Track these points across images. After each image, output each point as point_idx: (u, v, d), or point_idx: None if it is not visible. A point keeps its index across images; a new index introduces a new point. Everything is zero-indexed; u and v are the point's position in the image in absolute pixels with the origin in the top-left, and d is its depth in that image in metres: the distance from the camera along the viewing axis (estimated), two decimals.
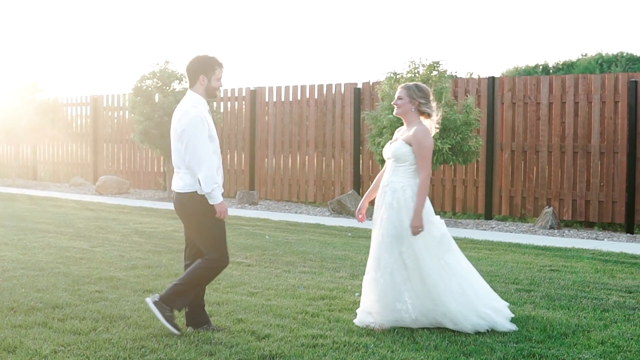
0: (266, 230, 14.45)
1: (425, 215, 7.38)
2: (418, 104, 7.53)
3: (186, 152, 6.93)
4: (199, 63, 7.16)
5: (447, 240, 7.53)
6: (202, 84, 7.16)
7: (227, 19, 49.33)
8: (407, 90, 7.58)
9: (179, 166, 7.10)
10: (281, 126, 21.36)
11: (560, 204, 16.88)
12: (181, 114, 7.03)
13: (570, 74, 17.54)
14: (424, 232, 7.33)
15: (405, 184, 7.44)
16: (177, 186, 7.14)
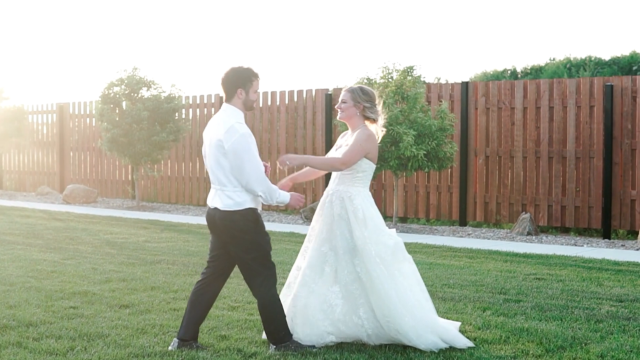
0: None
1: (375, 225, 7.03)
2: (363, 108, 7.15)
3: (242, 172, 6.63)
4: (236, 76, 6.84)
5: (401, 249, 7.15)
6: (240, 98, 6.85)
7: (194, 24, 48.94)
8: (351, 93, 7.18)
9: (225, 184, 6.74)
10: None
11: (536, 210, 16.72)
12: (226, 130, 6.67)
13: (545, 79, 17.37)
14: (377, 241, 6.96)
15: (353, 192, 7.06)
16: (224, 204, 6.75)
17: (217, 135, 6.70)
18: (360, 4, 48.06)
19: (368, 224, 7.00)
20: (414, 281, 7.15)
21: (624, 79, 16.01)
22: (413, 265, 7.24)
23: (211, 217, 6.90)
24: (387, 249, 6.99)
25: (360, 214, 6.99)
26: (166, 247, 13.04)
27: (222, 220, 6.75)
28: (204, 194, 21.88)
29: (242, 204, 6.70)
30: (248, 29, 48.76)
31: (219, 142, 6.65)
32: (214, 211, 6.85)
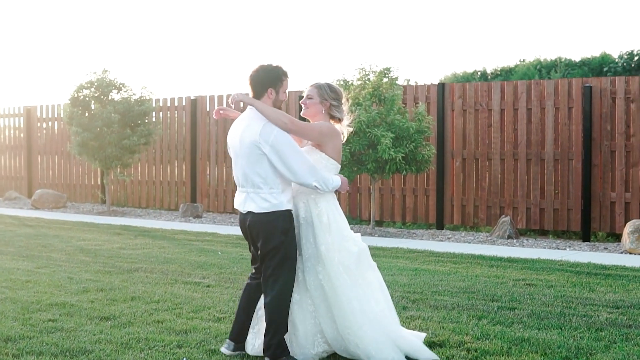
0: (217, 246, 13.82)
1: (340, 230, 6.63)
2: (329, 106, 6.73)
3: (291, 168, 6.36)
4: (266, 75, 6.54)
5: (365, 256, 6.75)
6: (270, 97, 6.53)
7: (165, 26, 48.47)
8: (318, 89, 6.75)
9: (260, 186, 6.45)
10: (223, 136, 20.72)
11: (514, 213, 16.54)
12: (260, 130, 6.38)
13: (522, 80, 17.19)
14: (340, 248, 6.56)
15: (317, 195, 6.62)
16: (260, 207, 6.45)
17: (250, 137, 6.41)
18: (331, 6, 47.85)
19: (332, 229, 6.59)
20: (378, 290, 6.75)
21: (603, 79, 15.87)
22: (377, 273, 6.86)
23: (244, 221, 6.63)
24: (351, 256, 6.59)
25: (324, 218, 6.59)
26: (142, 254, 12.69)
27: (258, 222, 6.46)
28: (175, 198, 21.53)
29: (279, 206, 6.44)
30: (219, 31, 48.37)
31: (254, 143, 6.36)
32: (247, 215, 6.57)
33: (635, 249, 13.24)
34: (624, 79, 15.63)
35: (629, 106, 15.53)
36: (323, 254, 6.51)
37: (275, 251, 6.42)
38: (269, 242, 6.43)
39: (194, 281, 10.28)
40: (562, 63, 31.17)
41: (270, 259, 6.46)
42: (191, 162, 21.11)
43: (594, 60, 30.55)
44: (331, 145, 6.61)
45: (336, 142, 6.65)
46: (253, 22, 47.97)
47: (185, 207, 19.42)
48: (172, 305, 8.76)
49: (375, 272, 6.78)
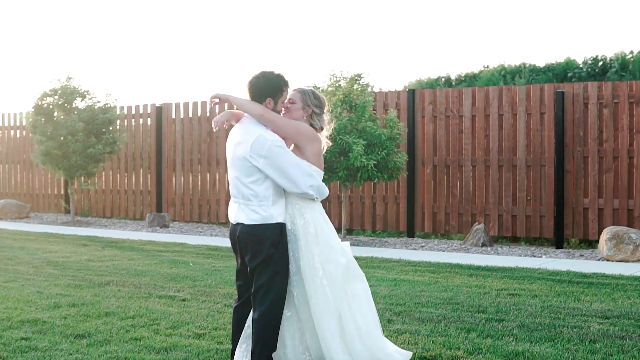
0: (188, 257, 13.51)
1: (327, 240, 6.32)
2: (311, 113, 6.42)
3: (288, 179, 6.12)
4: (267, 84, 6.26)
5: (353, 267, 6.47)
6: (268, 107, 6.25)
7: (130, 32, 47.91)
8: (302, 94, 6.43)
9: (249, 199, 6.19)
10: (189, 144, 20.41)
11: (486, 219, 16.39)
12: (253, 141, 6.10)
13: (494, 86, 17.08)
14: (328, 259, 6.26)
15: (303, 205, 6.31)
16: (250, 219, 6.18)
17: (242, 149, 6.15)
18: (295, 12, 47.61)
19: (319, 240, 6.29)
20: (365, 303, 6.47)
21: (575, 85, 15.78)
22: (365, 284, 6.55)
23: (234, 232, 6.34)
24: (338, 267, 6.30)
25: (311, 229, 6.28)
26: (112, 267, 12.35)
27: (247, 234, 6.19)
28: (140, 208, 21.16)
29: (270, 219, 6.16)
30: (184, 37, 47.91)
31: (247, 154, 6.10)
32: (237, 227, 6.29)
33: (613, 256, 13.12)
34: (597, 84, 15.54)
35: (602, 111, 15.44)
36: (308, 267, 6.22)
37: (264, 265, 6.14)
38: (258, 255, 6.16)
39: (169, 295, 9.97)
40: (526, 69, 31.12)
41: (259, 273, 6.17)
42: (157, 171, 20.76)
43: (559, 65, 30.50)
44: (310, 148, 6.28)
45: (315, 147, 6.31)
46: (218, 28, 47.60)
47: (152, 216, 19.07)
48: (148, 321, 8.46)
49: (363, 284, 6.50)
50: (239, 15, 47.42)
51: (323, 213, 6.43)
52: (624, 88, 15.27)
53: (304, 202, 6.29)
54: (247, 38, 47.69)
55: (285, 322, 6.34)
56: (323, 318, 6.16)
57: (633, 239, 13.09)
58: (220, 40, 47.95)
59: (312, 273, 6.22)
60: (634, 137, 15.16)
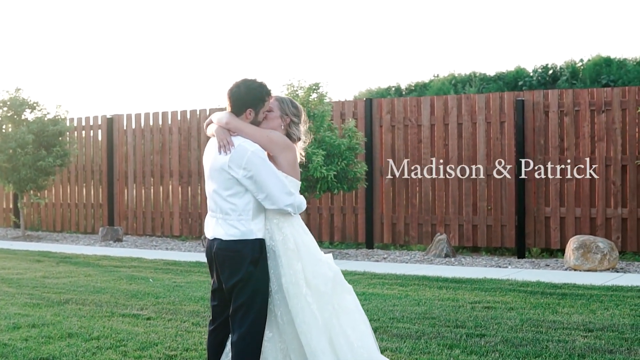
0: (146, 272, 13.10)
1: (311, 254, 5.95)
2: (289, 122, 6.05)
3: (266, 192, 5.73)
4: (248, 93, 5.86)
5: (340, 279, 6.10)
6: (248, 118, 5.88)
7: (80, 42, 47.13)
8: (280, 102, 6.05)
9: (228, 213, 5.80)
10: (141, 155, 19.98)
11: (446, 230, 16.19)
12: (233, 150, 5.73)
13: (452, 95, 16.95)
14: (314, 274, 5.89)
15: (281, 219, 5.91)
16: (228, 234, 5.78)
17: (221, 160, 5.77)
18: (246, 22, 47.27)
19: (302, 255, 5.91)
20: (357, 315, 6.09)
21: (535, 93, 15.66)
22: (354, 296, 6.18)
23: (210, 249, 5.94)
24: (327, 281, 5.94)
25: (291, 244, 5.89)
26: (69, 284, 11.89)
27: (224, 250, 5.79)
28: (91, 221, 20.66)
29: (249, 234, 5.77)
30: (135, 47, 47.28)
31: (225, 165, 5.72)
32: (214, 242, 5.89)
33: (581, 266, 12.96)
34: (557, 92, 15.44)
35: (563, 119, 15.33)
36: (290, 284, 5.84)
37: (243, 284, 5.75)
38: (236, 273, 5.77)
39: (132, 313, 9.57)
40: (477, 77, 31.15)
41: (238, 292, 5.78)
42: (108, 183, 20.27)
43: (509, 74, 30.56)
44: (283, 157, 5.90)
45: (289, 156, 5.94)
46: (168, 38, 47.07)
47: (105, 230, 18.57)
48: (115, 343, 8.07)
49: (352, 296, 6.13)
50: (189, 26, 46.97)
51: (302, 226, 6.05)
52: (585, 96, 15.18)
53: (281, 216, 5.92)
54: (197, 49, 47.25)
55: (267, 344, 5.98)
56: (312, 337, 5.81)
57: (600, 248, 12.95)
58: (170, 50, 47.43)
59: (296, 290, 5.84)
60: (596, 144, 15.06)
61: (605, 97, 15.02)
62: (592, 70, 28.12)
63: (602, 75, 27.65)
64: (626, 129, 14.86)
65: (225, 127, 5.82)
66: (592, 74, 27.98)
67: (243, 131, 5.83)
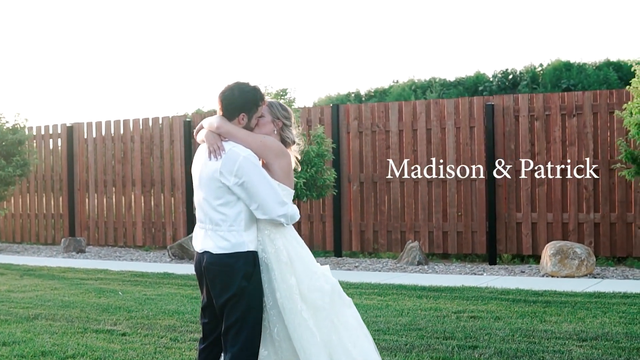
0: (114, 285, 12.71)
1: (306, 267, 5.60)
2: (282, 126, 5.75)
3: (258, 200, 5.39)
4: (242, 97, 5.54)
5: (338, 292, 5.73)
6: (241, 123, 5.56)
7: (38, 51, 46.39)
8: (269, 107, 5.75)
9: (218, 224, 5.45)
10: (103, 164, 19.54)
11: (416, 237, 15.98)
12: (224, 157, 5.42)
13: (421, 100, 16.76)
14: (310, 287, 5.53)
15: (273, 230, 5.56)
16: (218, 246, 5.43)
17: (212, 166, 5.44)
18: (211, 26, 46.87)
19: (296, 268, 5.55)
20: (358, 331, 5.75)
21: (505, 97, 15.50)
22: (354, 310, 5.84)
23: (199, 263, 5.59)
24: (324, 295, 5.57)
25: (284, 257, 5.53)
26: (36, 298, 11.48)
27: (215, 265, 5.44)
28: (52, 232, 20.17)
29: (240, 246, 5.43)
30: (95, 54, 46.63)
31: (217, 172, 5.40)
32: (203, 256, 5.53)
33: (558, 272, 12.79)
34: (528, 97, 15.30)
35: (533, 124, 15.18)
36: (284, 299, 5.51)
37: (236, 300, 5.42)
38: (228, 288, 5.43)
39: (106, 329, 9.21)
40: (436, 83, 31.10)
41: (230, 309, 5.44)
42: (69, 193, 19.79)
43: (469, 79, 30.56)
44: (278, 164, 5.57)
45: (283, 163, 5.60)
46: (129, 46, 46.51)
47: (67, 241, 18.10)
48: None
49: (351, 309, 5.79)
50: (148, 34, 46.48)
51: (296, 236, 5.70)
52: (556, 100, 15.05)
53: (273, 227, 5.57)
54: (157, 55, 46.77)
55: None
56: (311, 354, 5.50)
57: (578, 254, 12.79)
58: (130, 58, 46.90)
59: (291, 306, 5.51)
60: (567, 149, 14.94)
61: (576, 101, 14.90)
62: (552, 74, 28.17)
63: (562, 80, 27.70)
64: (598, 133, 14.75)
65: (216, 131, 5.52)
66: (552, 79, 28.02)
67: (235, 136, 5.52)
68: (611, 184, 14.61)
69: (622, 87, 26.13)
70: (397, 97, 30.33)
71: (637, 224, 14.41)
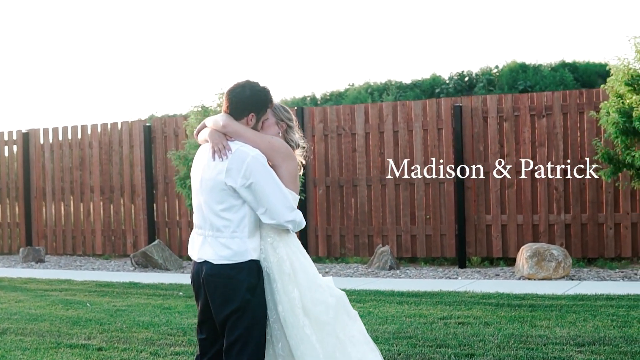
0: (80, 296, 12.27)
1: (309, 279, 5.26)
2: (286, 128, 5.48)
3: (268, 202, 5.05)
4: (253, 96, 5.24)
5: (343, 306, 5.41)
6: (249, 123, 5.25)
7: None
8: (272, 110, 5.46)
9: (220, 229, 5.10)
10: (60, 171, 19.02)
11: (384, 240, 15.73)
12: (231, 157, 5.08)
13: (388, 102, 16.53)
14: (314, 301, 5.22)
15: (276, 238, 5.23)
16: (219, 255, 5.09)
17: (218, 167, 5.11)
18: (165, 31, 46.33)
19: (299, 280, 5.22)
20: (365, 346, 5.41)
21: (473, 99, 15.33)
22: (359, 323, 5.50)
23: (198, 273, 5.22)
24: (328, 309, 5.26)
25: (286, 267, 5.20)
26: (1, 311, 11.01)
27: (215, 276, 5.09)
28: (8, 241, 19.57)
29: (243, 255, 5.08)
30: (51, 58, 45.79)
31: (222, 173, 5.07)
32: (202, 266, 5.18)
33: (535, 275, 12.61)
34: (496, 97, 15.13)
35: (502, 125, 15.01)
36: (287, 313, 5.17)
37: (240, 314, 5.06)
38: (231, 302, 5.07)
39: (80, 343, 8.80)
40: (393, 86, 30.98)
41: (233, 325, 5.08)
42: (25, 201, 19.22)
43: (425, 82, 30.48)
44: (285, 167, 5.26)
45: (291, 166, 5.30)
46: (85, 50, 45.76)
47: (26, 251, 17.56)
48: None
49: (357, 323, 5.47)
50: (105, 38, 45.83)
51: (299, 245, 5.38)
52: (525, 100, 14.90)
53: (276, 233, 5.24)
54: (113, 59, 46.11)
55: None
56: None
57: (555, 256, 12.62)
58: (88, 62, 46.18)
59: (293, 320, 5.18)
60: (537, 150, 14.78)
61: (545, 102, 14.77)
62: (508, 76, 28.17)
63: (518, 81, 27.69)
64: (568, 134, 14.62)
65: (222, 130, 5.19)
66: (508, 80, 28.01)
67: (243, 135, 5.20)
68: (582, 184, 14.49)
69: (578, 87, 26.22)
70: (354, 100, 30.15)
71: (608, 224, 14.30)
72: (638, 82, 12.16)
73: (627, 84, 12.09)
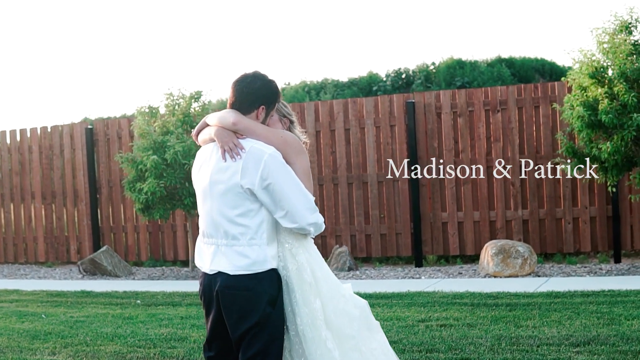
0: (33, 307, 11.69)
1: (331, 288, 4.86)
2: (288, 124, 5.14)
3: (289, 202, 4.64)
4: (265, 89, 4.83)
5: (365, 317, 5.02)
6: (259, 117, 4.83)
7: None
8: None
9: (236, 237, 4.67)
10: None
11: (337, 241, 15.42)
12: (245, 154, 4.67)
13: (339, 99, 16.19)
14: (336, 312, 4.82)
15: (295, 244, 4.83)
16: (235, 266, 4.66)
17: (231, 168, 4.69)
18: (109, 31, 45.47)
19: (321, 289, 4.82)
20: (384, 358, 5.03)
21: (426, 94, 15.09)
22: (382, 335, 5.10)
23: (211, 286, 4.79)
24: (352, 321, 4.86)
25: (307, 276, 4.80)
26: None
27: (232, 288, 4.67)
28: None
29: (262, 264, 4.67)
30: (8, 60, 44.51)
31: (236, 176, 4.67)
32: (215, 277, 4.76)
33: (501, 272, 12.40)
34: (450, 93, 14.91)
35: (457, 121, 14.80)
36: (306, 325, 4.76)
37: (259, 329, 4.65)
38: (250, 316, 4.65)
39: (45, 359, 8.31)
40: (330, 84, 30.73)
41: (251, 341, 4.66)
42: None
43: (362, 80, 30.28)
44: (299, 164, 4.86)
45: (304, 161, 4.92)
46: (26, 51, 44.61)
47: None
48: None
49: (379, 335, 5.09)
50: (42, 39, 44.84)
51: (317, 251, 4.98)
52: (479, 95, 14.71)
53: (295, 239, 4.82)
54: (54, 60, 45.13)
55: None
56: None
57: (521, 253, 12.43)
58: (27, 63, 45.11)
59: (314, 334, 4.77)
60: (492, 145, 14.60)
61: (500, 96, 14.59)
62: (445, 72, 28.11)
63: (456, 78, 27.65)
64: (523, 128, 14.46)
65: (232, 128, 4.77)
66: (446, 77, 27.96)
67: (255, 132, 4.80)
68: (539, 179, 14.33)
69: (515, 82, 26.22)
70: (291, 98, 29.82)
71: (566, 219, 14.18)
72: (602, 74, 12.00)
73: (591, 77, 11.91)
